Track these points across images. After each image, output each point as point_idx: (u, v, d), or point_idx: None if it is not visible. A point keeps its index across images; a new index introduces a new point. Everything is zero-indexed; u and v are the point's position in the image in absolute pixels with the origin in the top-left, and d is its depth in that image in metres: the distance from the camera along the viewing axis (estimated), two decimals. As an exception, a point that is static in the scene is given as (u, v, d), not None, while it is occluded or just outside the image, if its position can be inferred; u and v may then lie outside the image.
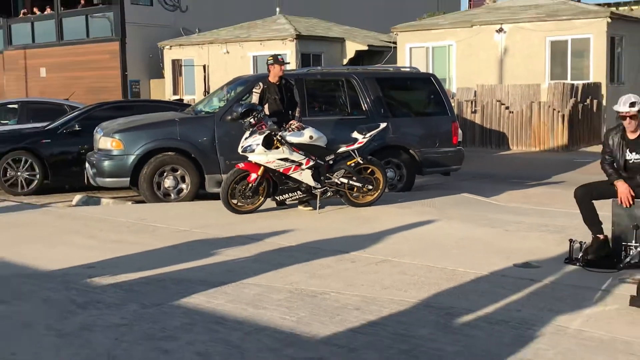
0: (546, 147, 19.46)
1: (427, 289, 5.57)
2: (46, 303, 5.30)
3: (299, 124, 9.30)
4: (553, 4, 23.98)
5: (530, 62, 22.40)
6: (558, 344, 4.36)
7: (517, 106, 20.24)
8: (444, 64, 24.04)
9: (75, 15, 30.20)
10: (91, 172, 10.63)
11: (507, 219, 8.60)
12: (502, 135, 20.30)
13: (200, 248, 7.12)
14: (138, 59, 28.85)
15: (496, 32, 22.96)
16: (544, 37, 22.23)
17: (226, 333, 4.58)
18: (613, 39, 22.04)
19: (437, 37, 24.25)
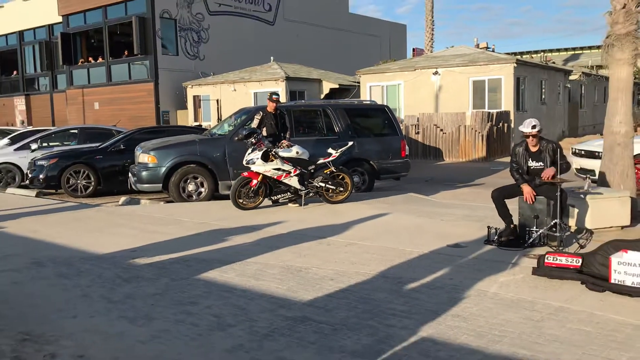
0: (470, 158, 19.55)
1: (384, 264, 5.57)
2: (100, 278, 5.24)
3: (288, 143, 9.30)
4: (474, 54, 24.13)
5: (458, 96, 22.51)
6: (480, 303, 4.38)
7: (449, 128, 20.32)
8: (395, 98, 24.08)
9: (120, 63, 29.93)
10: (133, 180, 10.54)
11: (442, 212, 8.63)
12: (438, 150, 20.36)
13: (215, 235, 7.08)
14: (168, 95, 28.65)
15: (433, 74, 23.04)
16: (467, 77, 22.34)
17: (235, 299, 4.56)
18: (518, 79, 22.21)
19: (389, 78, 24.30)
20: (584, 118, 30.30)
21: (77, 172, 12.03)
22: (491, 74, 21.99)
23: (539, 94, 24.46)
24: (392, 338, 3.70)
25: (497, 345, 3.56)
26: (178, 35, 29.25)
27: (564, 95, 27.44)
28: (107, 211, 9.40)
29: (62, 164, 11.96)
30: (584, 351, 3.46)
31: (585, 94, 31.03)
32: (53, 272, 5.44)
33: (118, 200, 10.92)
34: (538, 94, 24.31)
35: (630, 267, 4.54)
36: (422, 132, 20.66)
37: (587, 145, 11.97)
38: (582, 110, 30.36)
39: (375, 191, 11.13)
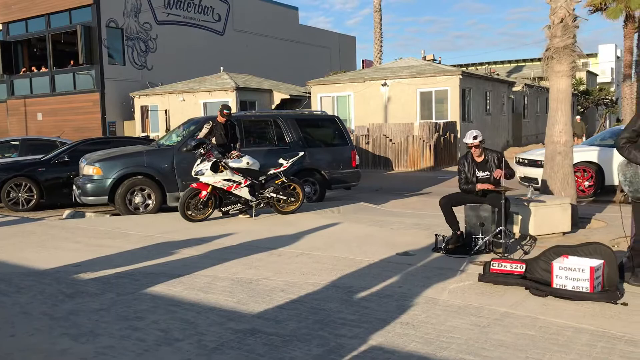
0: (419, 168, 19.89)
1: (334, 274, 5.58)
2: (41, 294, 5.04)
3: (238, 153, 9.23)
4: (421, 66, 24.64)
5: (406, 107, 22.91)
6: (428, 310, 4.44)
7: (397, 138, 20.64)
8: (345, 109, 24.31)
9: (64, 73, 29.09)
10: (77, 193, 10.22)
11: (392, 220, 8.73)
12: (387, 160, 20.63)
13: (163, 248, 6.93)
14: (114, 105, 28.02)
15: (382, 86, 23.39)
16: (415, 89, 22.78)
17: (182, 313, 4.46)
18: (464, 90, 22.80)
19: (340, 89, 24.51)
20: (527, 128, 31.33)
21: (19, 185, 11.60)
22: (438, 85, 22.49)
23: (484, 104, 25.17)
24: (343, 348, 3.70)
25: (444, 352, 3.61)
26: (125, 44, 28.71)
27: (507, 106, 28.33)
28: (50, 225, 9.08)
29: (2, 177, 11.50)
30: (527, 355, 3.54)
31: (528, 105, 32.12)
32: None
33: (62, 214, 10.58)
34: (483, 105, 25.01)
35: (570, 272, 4.69)
36: (372, 142, 20.90)
37: (530, 154, 12.39)
38: (525, 120, 31.40)
39: (327, 201, 11.17)
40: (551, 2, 7.91)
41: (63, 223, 9.36)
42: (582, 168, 11.32)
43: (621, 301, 4.54)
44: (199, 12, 32.36)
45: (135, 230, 8.15)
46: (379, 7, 31.29)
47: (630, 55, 28.48)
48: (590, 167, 11.40)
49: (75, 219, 10.00)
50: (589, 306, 4.47)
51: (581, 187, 11.21)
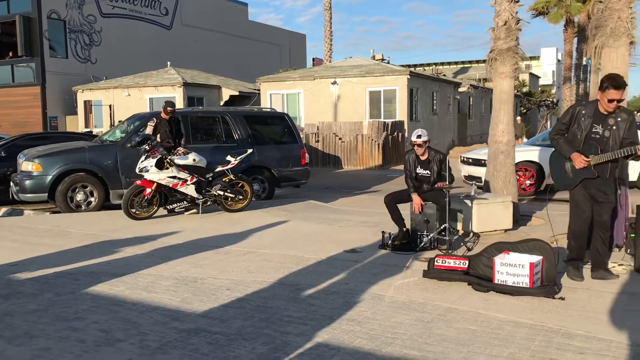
0: (368, 166, 20.09)
1: (282, 272, 5.56)
2: (-27, 296, 4.82)
3: (184, 150, 9.08)
4: (370, 65, 24.89)
5: (355, 106, 23.10)
6: (373, 306, 4.48)
7: (347, 137, 20.78)
8: (295, 106, 24.30)
9: (2, 65, 27.95)
10: (15, 190, 9.83)
11: (340, 218, 8.78)
12: (337, 158, 20.75)
13: (105, 247, 6.75)
14: (56, 99, 27.10)
15: (331, 84, 23.49)
16: (364, 88, 23.00)
17: (125, 313, 4.36)
18: (412, 90, 23.17)
19: (290, 87, 24.48)
20: (472, 128, 32.13)
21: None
22: (386, 84, 22.78)
23: (431, 104, 25.66)
24: (288, 345, 3.69)
25: (389, 348, 3.65)
26: (68, 37, 27.82)
27: (453, 106, 28.97)
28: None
29: None
30: (469, 349, 3.63)
31: (473, 105, 32.95)
32: None
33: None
34: (430, 105, 25.48)
35: (511, 268, 4.83)
36: (321, 141, 20.96)
37: (474, 154, 12.70)
38: (471, 120, 32.19)
39: (276, 199, 11.13)
40: (495, 4, 8.12)
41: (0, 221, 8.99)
42: (523, 167, 11.68)
43: (559, 295, 4.71)
44: (145, 5, 31.68)
45: (76, 229, 7.90)
46: (329, 6, 31.41)
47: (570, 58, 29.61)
48: (532, 167, 11.78)
49: (12, 217, 9.61)
50: (528, 301, 4.61)
51: (523, 186, 11.57)
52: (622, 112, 5.03)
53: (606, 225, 5.18)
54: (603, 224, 5.17)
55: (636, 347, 3.64)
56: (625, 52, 6.59)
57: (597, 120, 5.05)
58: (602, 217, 5.15)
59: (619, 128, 5.00)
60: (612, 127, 5.00)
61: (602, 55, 6.70)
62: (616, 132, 4.99)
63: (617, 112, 5.01)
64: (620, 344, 3.70)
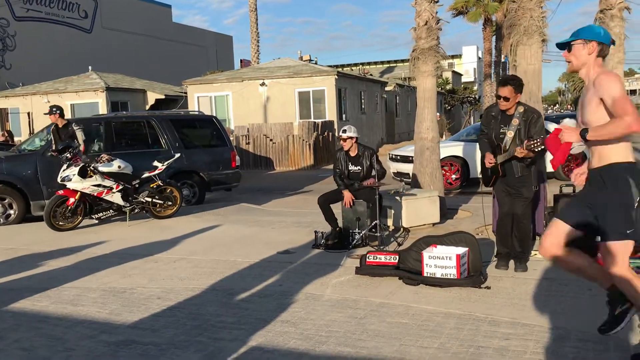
0: (299, 167, 20.15)
1: (214, 277, 5.48)
2: None
3: (108, 157, 8.78)
4: (298, 66, 24.97)
5: (285, 107, 23.10)
6: (307, 306, 4.49)
7: (278, 138, 20.75)
8: (224, 109, 24.02)
9: None
10: None
11: (273, 220, 8.75)
12: (268, 160, 20.68)
13: (27, 261, 6.43)
14: (-32, 108, 25.61)
15: (260, 86, 23.40)
16: (293, 89, 23.04)
17: (49, 329, 4.16)
18: (340, 90, 23.41)
19: (217, 89, 24.18)
20: (399, 126, 32.84)
21: None
22: (315, 85, 22.91)
23: (359, 104, 26.02)
24: (222, 351, 3.64)
25: (323, 346, 3.67)
26: (-21, 41, 26.32)
27: (381, 105, 29.51)
28: None
29: None
30: (401, 342, 3.70)
31: (400, 104, 33.69)
32: None
33: None
34: (358, 104, 25.84)
35: (439, 260, 4.97)
36: (252, 142, 20.84)
37: (402, 151, 12.99)
38: (398, 118, 32.89)
39: (207, 203, 10.96)
40: (416, 5, 8.32)
41: None
42: (449, 162, 12.05)
43: (485, 285, 4.88)
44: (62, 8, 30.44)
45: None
46: (255, 7, 31.26)
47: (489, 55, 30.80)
48: (457, 162, 12.17)
49: None
50: (456, 292, 4.76)
51: (449, 180, 11.94)
52: (527, 112, 5.24)
53: (521, 219, 5.36)
54: (518, 218, 5.37)
55: (557, 330, 3.83)
56: (538, 49, 6.91)
57: (503, 121, 5.28)
58: (517, 211, 5.36)
59: (524, 127, 5.21)
60: (516, 127, 5.20)
61: (517, 52, 7.00)
62: (522, 132, 5.20)
63: (523, 112, 5.22)
64: (542, 327, 3.88)
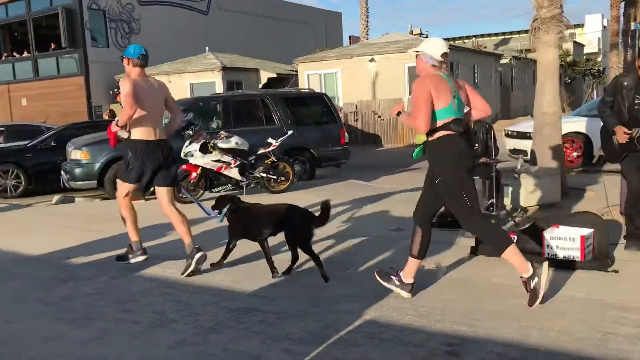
0: (408, 143, 19.90)
1: (327, 251, 5.61)
2: (34, 281, 5.03)
3: (227, 134, 9.18)
4: (408, 40, 24.51)
5: (394, 83, 22.82)
6: (421, 283, 4.46)
7: (386, 115, 20.61)
8: (333, 86, 24.18)
9: (47, 57, 28.68)
10: (65, 178, 10.15)
11: (383, 196, 8.74)
12: (377, 137, 20.62)
13: (155, 231, 6.90)
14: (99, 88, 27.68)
15: (369, 61, 23.27)
16: (403, 64, 22.67)
17: (177, 294, 4.48)
18: (452, 64, 22.72)
19: (327, 66, 24.36)
20: (515, 100, 31.38)
21: (6, 171, 11.51)
22: (426, 59, 22.37)
23: (472, 78, 25.14)
24: (338, 323, 3.72)
25: (439, 324, 3.64)
26: (108, 26, 28.28)
27: (495, 79, 28.33)
28: (39, 211, 9.03)
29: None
30: (520, 324, 3.59)
31: (516, 77, 32.13)
32: (-18, 277, 5.18)
33: (51, 200, 10.50)
34: (471, 79, 24.97)
35: (561, 242, 4.74)
36: (360, 119, 20.86)
37: (519, 127, 12.43)
38: (514, 93, 31.43)
39: (317, 179, 11.17)
40: (538, -29, 7.85)
41: (53, 209, 9.31)
42: (570, 139, 11.36)
43: (612, 269, 4.60)
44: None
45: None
46: (365, -18, 30.96)
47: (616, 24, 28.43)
48: (579, 138, 11.45)
49: (65, 204, 9.94)
50: (580, 275, 4.52)
51: (570, 158, 11.27)
52: None
53: None
54: None
55: (696, 319, 3.54)
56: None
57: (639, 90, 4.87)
58: None
59: None
60: None
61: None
62: None
63: None
64: (679, 316, 3.60)
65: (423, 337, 3.46)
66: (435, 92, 3.94)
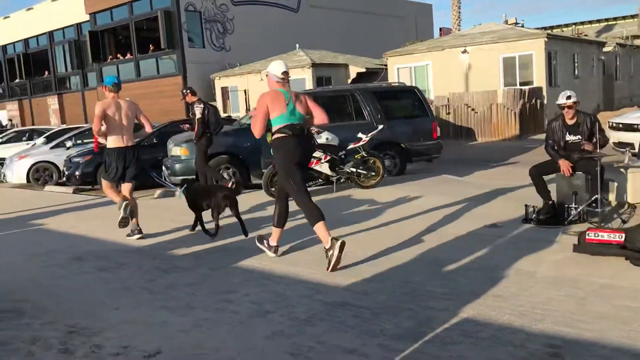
0: (503, 137, 19.22)
1: (420, 247, 5.53)
2: (139, 270, 5.34)
3: (317, 129, 9.25)
4: (503, 30, 23.64)
5: (488, 74, 22.10)
6: (520, 282, 4.32)
7: (480, 107, 20.00)
8: (424, 79, 23.78)
9: (148, 58, 30.23)
10: (167, 173, 10.67)
11: (477, 192, 8.50)
12: (470, 130, 20.08)
13: (250, 224, 7.06)
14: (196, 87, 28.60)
15: (461, 53, 22.66)
16: (497, 55, 21.91)
17: (273, 286, 4.59)
18: (550, 54, 21.69)
19: (417, 59, 23.99)
20: (619, 90, 29.46)
21: (112, 167, 12.22)
22: (521, 49, 21.51)
23: (572, 68, 23.85)
24: (433, 320, 3.67)
25: (540, 324, 3.50)
26: (203, 27, 29.37)
27: (598, 68, 26.71)
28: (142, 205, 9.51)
29: (96, 160, 12.14)
30: (631, 328, 3.38)
31: (621, 66, 30.13)
32: (94, 266, 5.56)
33: (153, 194, 11.07)
34: (571, 68, 23.70)
35: (676, 241, 4.41)
36: (452, 113, 20.39)
37: (625, 118, 11.65)
38: (618, 82, 29.51)
39: (408, 174, 11.04)
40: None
41: (155, 202, 9.82)
42: (684, 130, 10.51)
43: None
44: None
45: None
46: (456, -28, 30.16)
47: None
48: (695, 129, 10.56)
49: (166, 198, 10.44)
50: (698, 277, 4.19)
51: (684, 151, 10.43)
52: None
53: None
54: None
55: None
56: None
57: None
58: None
59: None
60: None
61: None
62: None
63: None
64: None
65: (523, 337, 3.34)
66: (271, 105, 5.12)
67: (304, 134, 5.23)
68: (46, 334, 3.82)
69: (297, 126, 5.16)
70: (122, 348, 3.53)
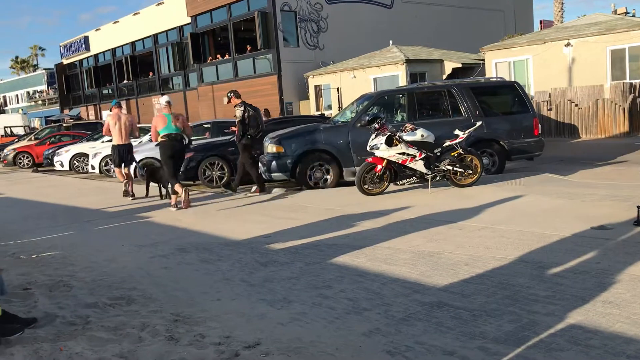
0: (610, 135, 18.10)
1: (521, 249, 5.32)
2: (239, 262, 5.50)
3: (412, 126, 9.15)
4: (611, 21, 22.22)
5: (593, 68, 20.87)
6: (634, 288, 4.03)
7: (584, 103, 18.94)
8: (523, 74, 22.84)
9: (245, 59, 31.15)
10: (263, 170, 10.93)
11: (582, 192, 8.07)
12: (573, 127, 19.07)
13: (343, 221, 7.16)
14: (290, 86, 29.38)
15: (565, 46, 21.55)
16: (604, 47, 20.63)
17: (368, 283, 4.57)
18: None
19: (516, 53, 23.08)
20: None
21: (212, 164, 12.71)
22: (632, 41, 20.12)
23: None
24: (537, 325, 3.51)
25: (657, 335, 3.26)
26: (298, 27, 29.84)
27: None
28: (240, 200, 9.85)
29: (198, 157, 12.66)
30: None
31: None
32: (196, 258, 5.81)
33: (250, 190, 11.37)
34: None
35: None
36: (554, 108, 19.46)
37: None
38: None
39: (506, 173, 10.66)
40: None
41: (252, 198, 10.10)
42: None
43: None
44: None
45: (316, 204, 8.52)
46: (560, -39, 28.73)
47: None
48: None
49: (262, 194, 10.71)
50: None
51: None
52: None
53: None
54: None
55: None
56: None
57: None
58: None
59: None
60: None
61: None
62: None
63: None
64: None
65: (638, 348, 3.12)
66: (158, 122, 9.12)
67: (178, 138, 9.14)
68: (154, 321, 4.02)
69: (172, 135, 9.07)
70: (224, 338, 3.65)
